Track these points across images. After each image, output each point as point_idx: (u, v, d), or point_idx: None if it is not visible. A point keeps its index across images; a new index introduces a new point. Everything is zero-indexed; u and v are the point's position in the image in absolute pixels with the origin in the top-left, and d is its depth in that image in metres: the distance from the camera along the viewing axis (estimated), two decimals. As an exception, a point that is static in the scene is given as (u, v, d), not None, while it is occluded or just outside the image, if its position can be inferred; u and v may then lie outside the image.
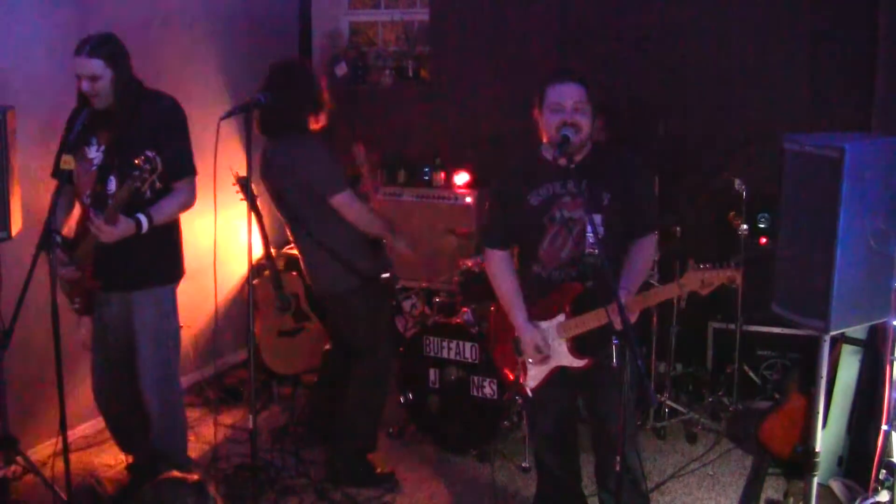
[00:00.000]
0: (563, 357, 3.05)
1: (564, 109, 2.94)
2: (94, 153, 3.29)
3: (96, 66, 3.15)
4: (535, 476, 3.57)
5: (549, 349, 3.04)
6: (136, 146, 3.13)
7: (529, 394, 3.15)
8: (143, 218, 3.18)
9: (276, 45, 5.51)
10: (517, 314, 3.08)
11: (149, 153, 2.99)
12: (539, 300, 3.09)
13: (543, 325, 3.05)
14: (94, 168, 3.28)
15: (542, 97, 3.00)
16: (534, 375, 3.13)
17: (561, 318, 3.02)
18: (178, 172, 3.30)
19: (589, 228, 2.83)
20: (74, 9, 3.99)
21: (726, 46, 4.82)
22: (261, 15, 5.36)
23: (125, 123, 3.24)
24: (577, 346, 3.02)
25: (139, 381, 3.43)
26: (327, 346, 4.26)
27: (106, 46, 3.18)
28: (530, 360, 3.10)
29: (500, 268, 3.16)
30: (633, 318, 2.86)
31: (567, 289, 3.01)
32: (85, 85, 3.18)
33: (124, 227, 3.12)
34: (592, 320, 2.91)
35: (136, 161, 2.98)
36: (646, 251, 3.09)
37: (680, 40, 4.90)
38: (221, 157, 3.10)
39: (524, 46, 5.28)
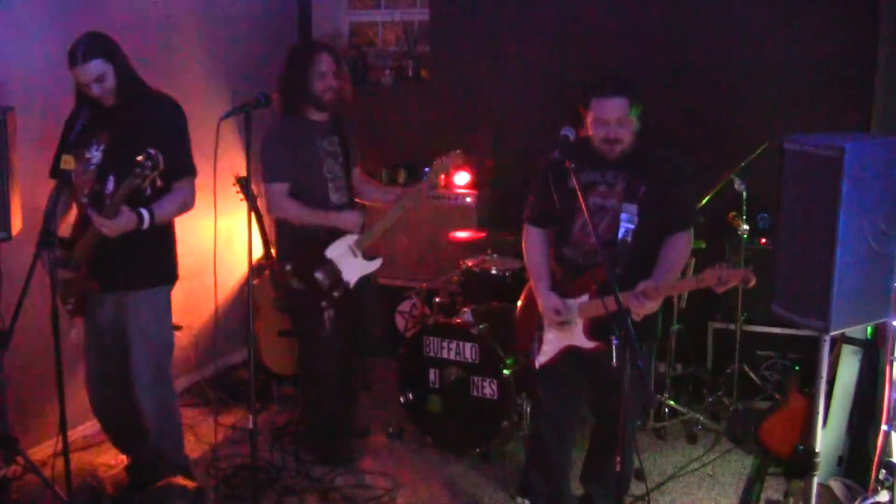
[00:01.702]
0: (577, 336, 3.15)
1: (608, 124, 3.03)
2: (93, 153, 3.28)
3: (96, 66, 3.15)
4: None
5: (567, 312, 3.14)
6: (136, 145, 3.12)
7: (537, 367, 3.29)
8: (145, 213, 3.16)
9: (276, 46, 5.51)
10: (540, 283, 3.23)
11: (151, 150, 2.98)
12: (568, 280, 3.19)
13: (569, 302, 3.15)
14: (93, 167, 3.27)
15: (588, 105, 3.07)
16: (545, 351, 3.25)
17: (584, 298, 3.11)
18: (178, 173, 3.29)
19: (623, 217, 3.01)
20: (74, 10, 3.99)
21: (726, 46, 4.82)
22: (261, 15, 5.36)
23: (125, 122, 3.23)
24: (593, 329, 3.10)
25: (133, 384, 3.41)
26: None
27: (97, 44, 3.17)
28: (549, 335, 3.22)
29: (533, 242, 3.33)
30: (654, 307, 2.99)
31: (596, 272, 3.08)
32: (95, 89, 3.18)
33: (126, 219, 3.10)
34: (611, 305, 2.92)
35: (139, 158, 2.97)
36: (677, 246, 3.11)
37: (680, 40, 4.90)
38: (222, 157, 3.10)
39: (524, 46, 5.28)
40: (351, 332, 3.99)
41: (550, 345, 3.24)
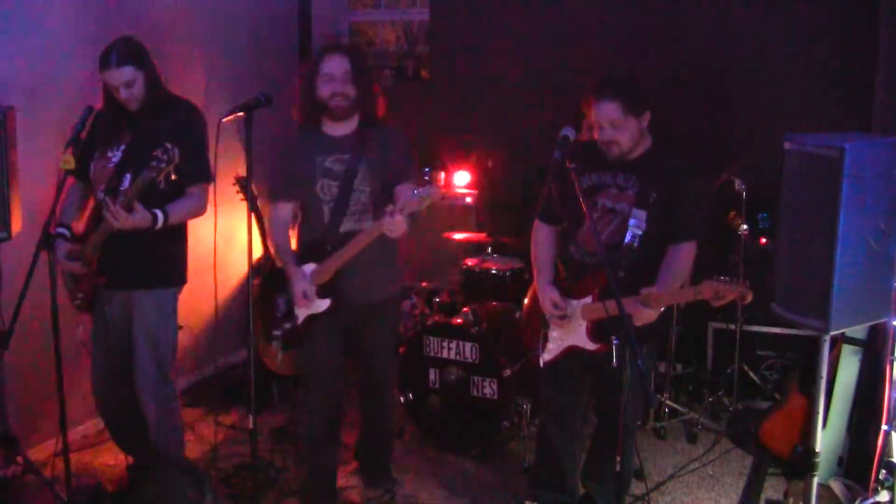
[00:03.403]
0: (580, 337, 3.15)
1: (602, 127, 3.05)
2: (115, 152, 3.32)
3: (128, 72, 3.19)
4: (535, 476, 3.58)
5: (565, 307, 3.15)
6: (155, 147, 3.14)
7: (542, 364, 3.30)
8: (159, 213, 3.18)
9: (276, 45, 5.52)
10: (542, 278, 3.25)
11: (167, 144, 3.01)
12: (572, 280, 3.20)
13: (572, 303, 3.16)
14: (112, 166, 3.30)
15: (588, 108, 3.11)
16: (550, 350, 3.27)
17: (588, 300, 3.11)
18: (192, 177, 3.30)
19: (631, 222, 3.00)
20: (74, 10, 3.99)
21: (726, 46, 4.82)
22: (261, 15, 5.36)
23: (147, 125, 3.27)
24: (595, 331, 3.10)
25: (136, 382, 3.43)
26: None
27: (130, 50, 3.23)
28: (554, 333, 3.23)
29: (540, 239, 3.34)
30: (653, 315, 2.98)
31: (600, 274, 3.07)
32: (123, 93, 3.22)
33: (141, 216, 3.11)
34: (613, 309, 2.93)
35: (155, 152, 3.00)
36: (680, 256, 3.09)
37: (680, 41, 4.90)
38: (223, 157, 3.10)
39: (524, 46, 5.28)
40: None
41: (555, 343, 3.25)
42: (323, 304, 3.25)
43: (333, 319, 3.28)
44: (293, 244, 3.43)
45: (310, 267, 3.25)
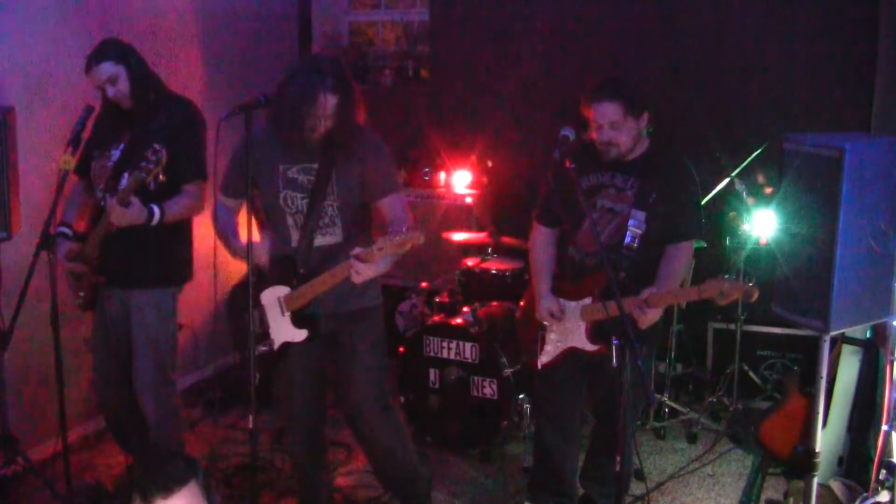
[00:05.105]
0: (579, 339, 3.15)
1: (602, 127, 3.05)
2: (114, 152, 3.33)
3: (108, 68, 3.20)
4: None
5: (562, 316, 3.15)
6: (150, 143, 3.14)
7: (539, 366, 3.29)
8: (156, 208, 3.18)
9: (276, 46, 5.51)
10: (541, 284, 3.24)
11: (156, 145, 3.02)
12: (572, 281, 3.19)
13: (571, 304, 3.15)
14: (111, 164, 3.31)
15: (588, 108, 3.10)
16: (548, 352, 3.26)
17: (587, 301, 3.10)
18: (188, 175, 3.30)
19: (631, 222, 3.01)
20: (74, 11, 3.99)
21: (726, 46, 4.82)
22: (261, 15, 5.36)
23: (143, 123, 3.27)
24: (595, 332, 3.10)
25: (135, 382, 3.43)
26: None
27: (110, 47, 3.25)
28: (552, 335, 3.23)
29: (539, 242, 3.32)
30: (657, 315, 2.98)
31: (599, 276, 3.08)
32: (109, 91, 3.24)
33: (137, 210, 3.10)
34: (613, 309, 2.92)
35: (145, 154, 3.01)
36: (679, 256, 3.10)
37: (680, 40, 4.90)
38: (223, 157, 3.10)
39: (524, 47, 5.29)
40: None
41: (553, 345, 3.24)
42: (300, 335, 3.06)
43: (310, 344, 3.10)
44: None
45: (282, 290, 3.04)
